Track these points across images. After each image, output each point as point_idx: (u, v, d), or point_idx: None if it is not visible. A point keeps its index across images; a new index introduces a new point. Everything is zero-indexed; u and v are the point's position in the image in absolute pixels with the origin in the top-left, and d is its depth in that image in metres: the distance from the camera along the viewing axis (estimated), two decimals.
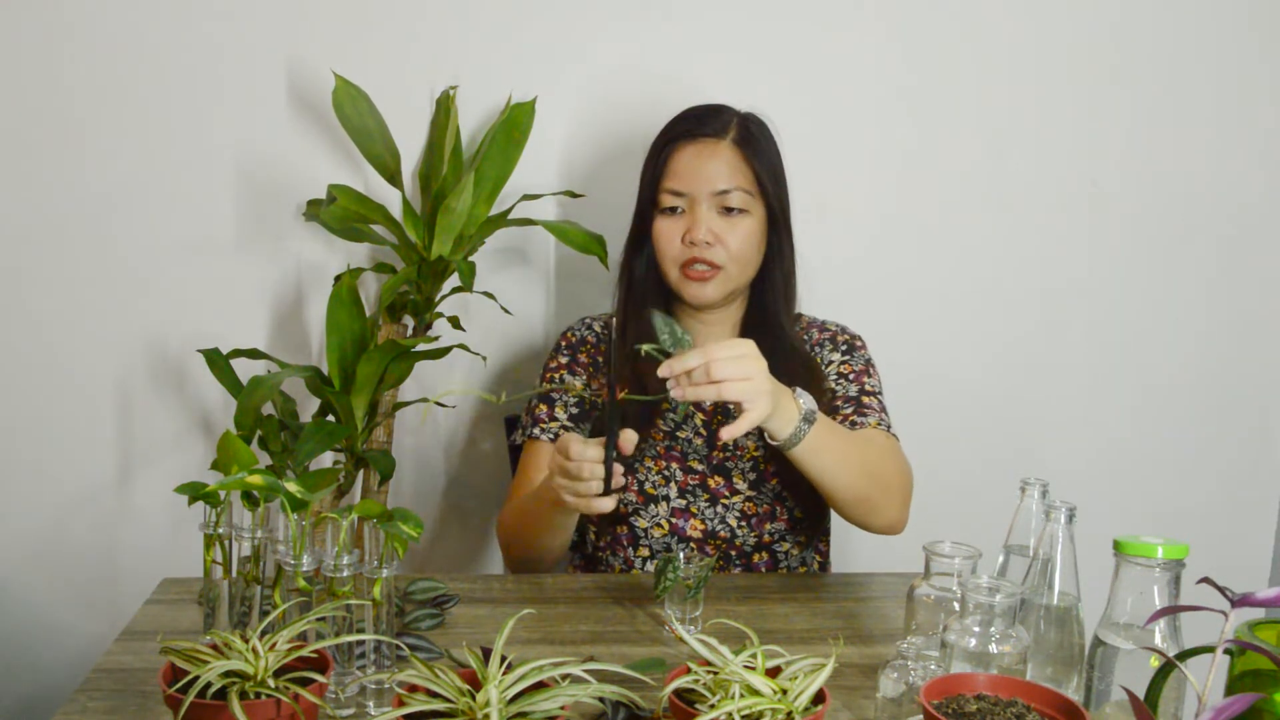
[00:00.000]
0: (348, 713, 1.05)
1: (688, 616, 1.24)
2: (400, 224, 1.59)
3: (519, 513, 1.44)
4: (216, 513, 1.11)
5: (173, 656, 0.92)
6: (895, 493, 1.40)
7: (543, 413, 1.50)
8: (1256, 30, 1.85)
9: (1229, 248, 1.92)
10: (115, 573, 1.76)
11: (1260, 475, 2.01)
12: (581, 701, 0.99)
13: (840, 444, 1.33)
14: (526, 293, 1.78)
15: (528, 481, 1.47)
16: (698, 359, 1.13)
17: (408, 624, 1.24)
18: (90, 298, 1.69)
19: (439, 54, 1.68)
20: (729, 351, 1.15)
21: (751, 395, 1.16)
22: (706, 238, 1.40)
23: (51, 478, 1.74)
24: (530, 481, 1.46)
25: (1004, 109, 1.82)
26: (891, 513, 1.40)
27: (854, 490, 1.34)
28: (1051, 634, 1.06)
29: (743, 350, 1.16)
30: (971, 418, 1.90)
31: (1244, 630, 0.92)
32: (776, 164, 1.46)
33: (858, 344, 1.56)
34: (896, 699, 1.02)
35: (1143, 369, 1.94)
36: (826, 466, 1.31)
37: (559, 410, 1.50)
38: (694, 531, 1.47)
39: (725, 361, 1.14)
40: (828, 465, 1.31)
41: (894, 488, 1.40)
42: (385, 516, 1.04)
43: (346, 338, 1.50)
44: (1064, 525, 1.06)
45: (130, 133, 1.66)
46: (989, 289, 1.87)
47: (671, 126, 1.47)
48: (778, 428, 1.26)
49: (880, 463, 1.39)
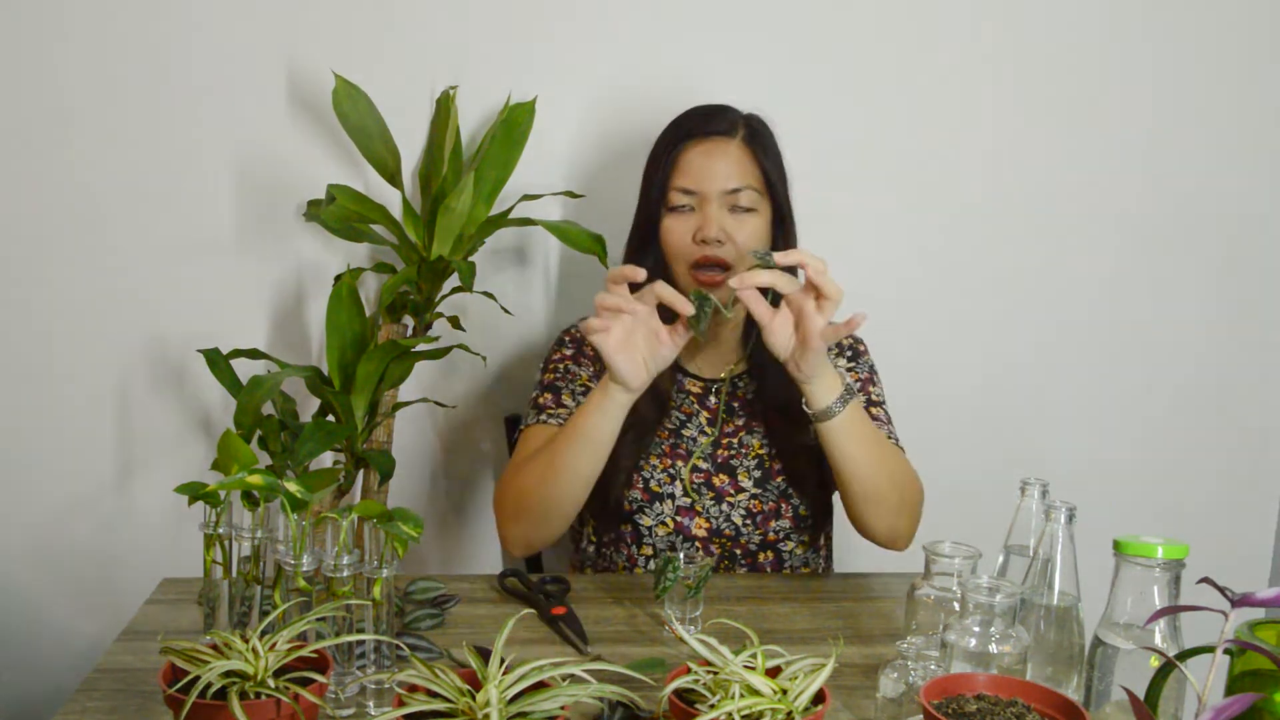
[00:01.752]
0: (348, 713, 1.05)
1: (688, 616, 1.24)
2: (400, 224, 1.59)
3: (540, 462, 1.38)
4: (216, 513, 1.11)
5: (173, 656, 0.92)
6: (908, 504, 1.41)
7: (548, 400, 1.49)
8: (1258, 30, 1.85)
9: (1229, 247, 1.92)
10: (115, 573, 1.76)
11: (1260, 475, 2.01)
12: (581, 701, 0.99)
13: (870, 432, 1.35)
14: (526, 293, 1.78)
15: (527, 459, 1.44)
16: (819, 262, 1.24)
17: (408, 624, 1.24)
18: (90, 298, 1.69)
19: (439, 54, 1.68)
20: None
21: (837, 301, 1.24)
22: (718, 235, 1.40)
23: (51, 478, 1.74)
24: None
25: (1004, 110, 1.82)
26: (901, 522, 1.41)
27: (872, 482, 1.35)
28: (1051, 634, 1.06)
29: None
30: (971, 418, 1.90)
31: (1244, 630, 0.92)
32: (781, 163, 1.47)
33: (861, 348, 1.56)
34: (896, 699, 1.02)
35: (1143, 369, 1.94)
36: (853, 450, 1.32)
37: (566, 398, 1.49)
38: (699, 530, 1.47)
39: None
40: (855, 449, 1.32)
41: (908, 499, 1.41)
42: (385, 516, 1.04)
43: (346, 338, 1.50)
44: (1064, 525, 1.06)
45: (130, 132, 1.66)
46: (989, 289, 1.87)
47: (679, 125, 1.47)
48: (820, 394, 1.29)
49: (901, 469, 1.41)
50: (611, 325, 1.27)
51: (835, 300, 1.24)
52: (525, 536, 1.43)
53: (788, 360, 1.29)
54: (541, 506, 1.39)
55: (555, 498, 1.37)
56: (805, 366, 1.28)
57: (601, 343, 1.27)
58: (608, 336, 1.27)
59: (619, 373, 1.29)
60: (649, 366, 1.31)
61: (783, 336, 1.28)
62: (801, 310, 1.25)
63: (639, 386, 1.31)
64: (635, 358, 1.29)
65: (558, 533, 1.42)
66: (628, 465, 1.46)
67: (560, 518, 1.39)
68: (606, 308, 1.27)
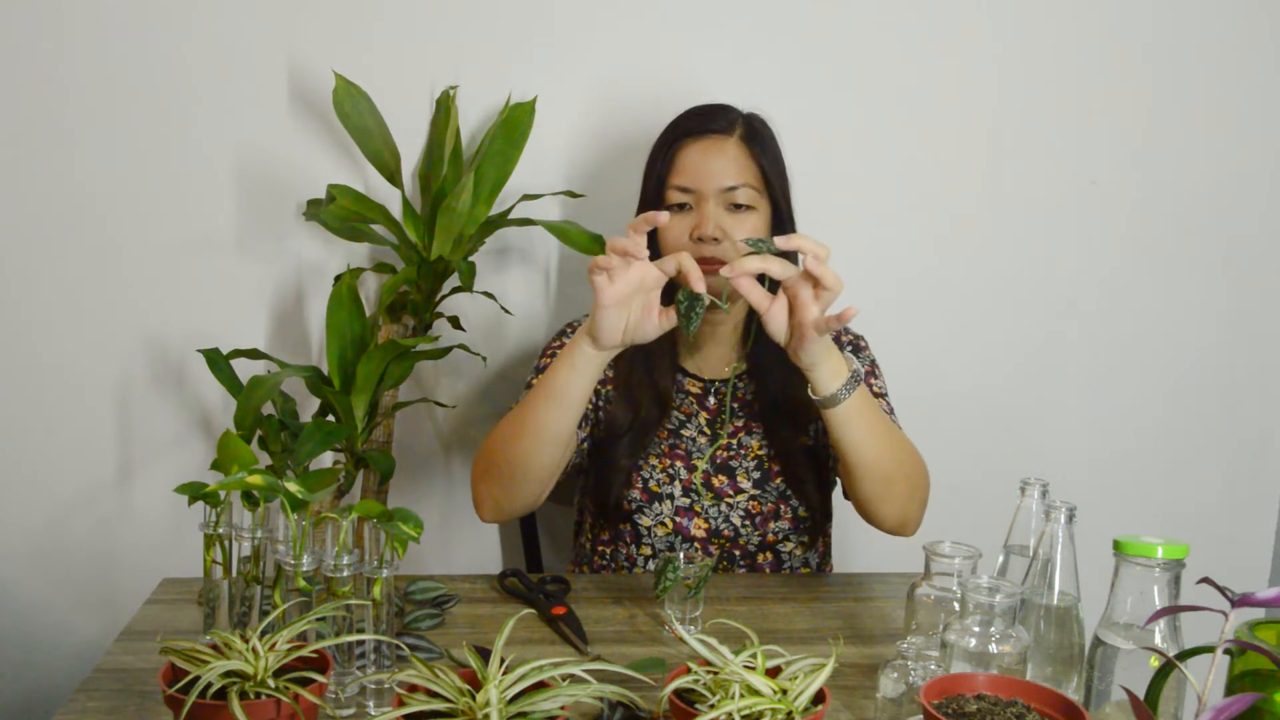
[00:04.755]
0: (348, 713, 1.05)
1: (688, 616, 1.24)
2: (400, 224, 1.59)
3: (510, 420, 1.36)
4: (216, 513, 1.11)
5: (173, 656, 0.92)
6: (917, 489, 1.40)
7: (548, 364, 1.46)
8: (1258, 29, 1.85)
9: (1229, 247, 1.92)
10: (115, 573, 1.76)
11: (1260, 475, 2.01)
12: (581, 701, 0.99)
13: (877, 417, 1.33)
14: (526, 293, 1.78)
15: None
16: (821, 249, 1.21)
17: (408, 624, 1.24)
18: (90, 298, 1.69)
19: (439, 54, 1.68)
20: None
21: (835, 292, 1.21)
22: (715, 234, 1.39)
23: (51, 478, 1.74)
24: None
25: (1003, 109, 1.82)
26: (911, 508, 1.39)
27: (881, 469, 1.33)
28: (1051, 634, 1.06)
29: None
30: (971, 418, 1.90)
31: (1244, 630, 0.92)
32: (780, 161, 1.47)
33: (862, 344, 1.56)
34: (896, 699, 1.02)
35: (1143, 369, 1.94)
36: (861, 436, 1.30)
37: None
38: (698, 530, 1.47)
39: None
40: (863, 435, 1.30)
41: (917, 484, 1.39)
42: (385, 516, 1.04)
43: (346, 338, 1.50)
44: (1064, 525, 1.06)
45: (130, 132, 1.66)
46: (989, 289, 1.87)
47: (677, 124, 1.46)
48: (825, 380, 1.26)
49: (908, 454, 1.38)
50: (617, 270, 1.21)
51: (834, 291, 1.21)
52: (494, 497, 1.39)
53: (787, 347, 1.27)
54: (509, 465, 1.35)
55: (522, 455, 1.33)
56: (804, 354, 1.25)
57: (601, 285, 1.21)
58: (609, 282, 1.21)
59: (599, 325, 1.23)
60: (628, 335, 1.26)
61: (780, 322, 1.25)
62: (797, 298, 1.22)
63: (610, 348, 1.26)
64: (621, 320, 1.24)
65: (529, 499, 1.38)
66: (627, 465, 1.46)
67: (530, 481, 1.35)
68: (618, 250, 1.21)
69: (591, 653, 1.20)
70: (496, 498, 1.39)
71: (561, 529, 1.85)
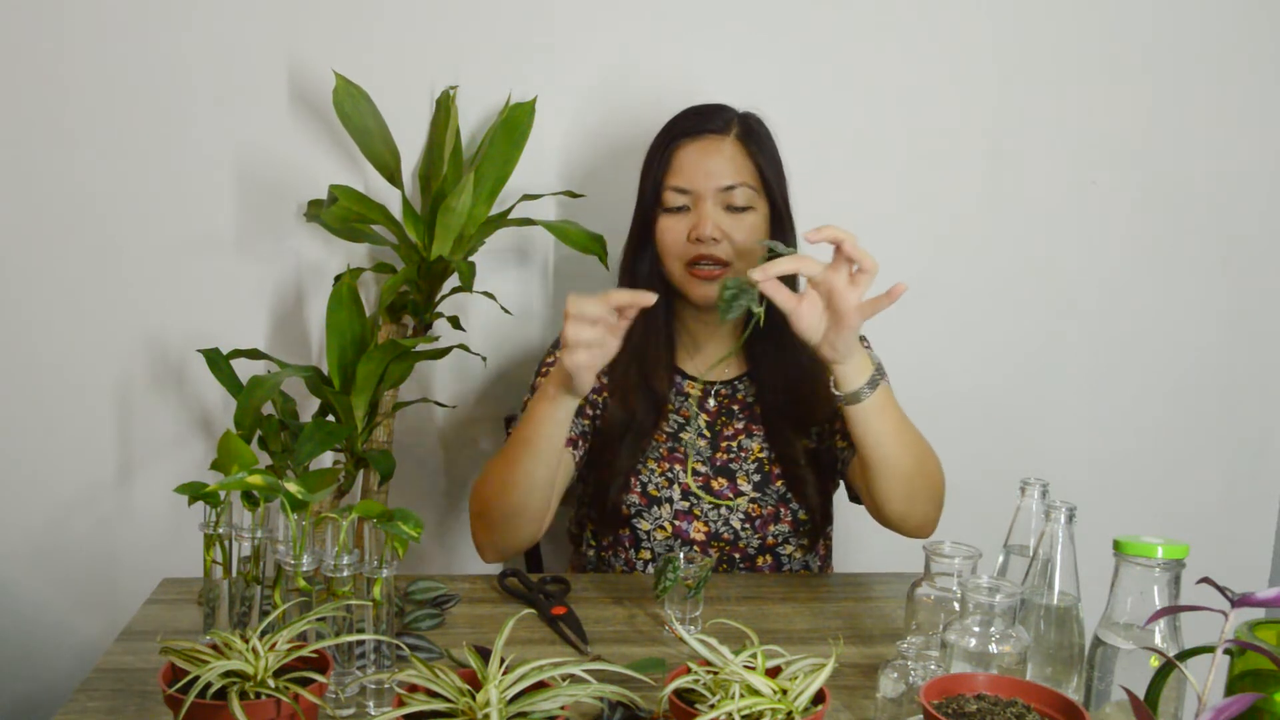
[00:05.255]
0: (348, 713, 1.05)
1: (688, 616, 1.24)
2: (400, 224, 1.59)
3: (496, 473, 1.36)
4: (216, 513, 1.11)
5: (173, 656, 0.92)
6: (936, 489, 1.38)
7: None
8: (1258, 29, 1.85)
9: (1229, 247, 1.92)
10: (115, 573, 1.76)
11: (1260, 475, 2.01)
12: (581, 701, 0.99)
13: (900, 416, 1.32)
14: (526, 293, 1.78)
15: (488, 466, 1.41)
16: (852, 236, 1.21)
17: (408, 624, 1.24)
18: (90, 298, 1.69)
19: (439, 54, 1.68)
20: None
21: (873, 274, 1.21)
22: (713, 234, 1.39)
23: (51, 478, 1.74)
24: None
25: (1003, 109, 1.82)
26: (930, 508, 1.38)
27: (903, 467, 1.32)
28: (1051, 634, 1.06)
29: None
30: (971, 418, 1.90)
31: (1244, 630, 0.92)
32: (777, 160, 1.46)
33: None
34: (896, 699, 1.02)
35: (1143, 369, 1.94)
36: (884, 433, 1.29)
37: None
38: (697, 534, 1.47)
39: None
40: (886, 432, 1.29)
41: (936, 483, 1.38)
42: (385, 516, 1.04)
43: (346, 338, 1.50)
44: (1064, 525, 1.06)
45: (130, 132, 1.66)
46: (989, 289, 1.87)
47: (674, 124, 1.46)
48: (850, 376, 1.26)
49: (928, 453, 1.37)
50: (593, 345, 1.18)
51: (872, 273, 1.20)
52: (493, 542, 1.40)
53: (820, 344, 1.24)
54: (502, 516, 1.36)
55: (514, 506, 1.34)
56: (841, 346, 1.23)
57: (578, 362, 1.18)
58: (587, 359, 1.18)
59: (580, 387, 1.22)
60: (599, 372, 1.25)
61: (812, 319, 1.23)
62: (833, 289, 1.20)
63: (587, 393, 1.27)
64: (595, 371, 1.22)
65: (527, 538, 1.38)
66: (625, 469, 1.46)
67: (526, 522, 1.35)
68: (589, 319, 1.17)
69: (591, 653, 1.20)
70: (495, 542, 1.39)
71: (561, 530, 1.85)
